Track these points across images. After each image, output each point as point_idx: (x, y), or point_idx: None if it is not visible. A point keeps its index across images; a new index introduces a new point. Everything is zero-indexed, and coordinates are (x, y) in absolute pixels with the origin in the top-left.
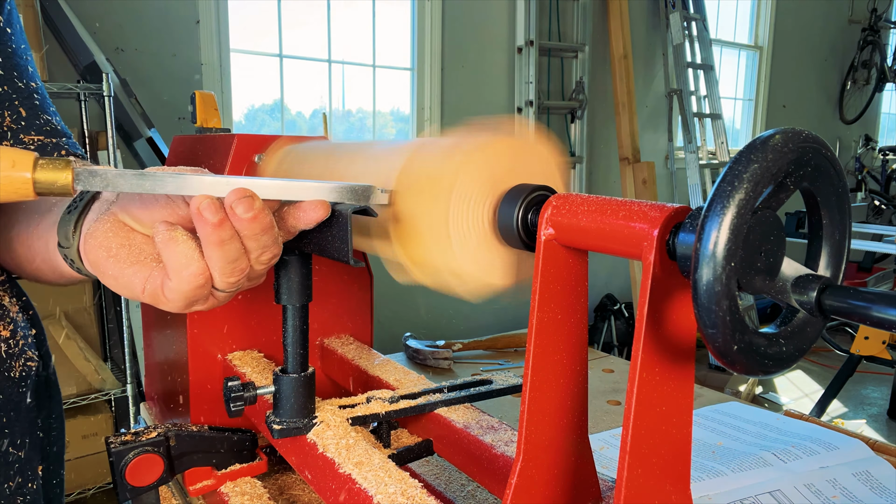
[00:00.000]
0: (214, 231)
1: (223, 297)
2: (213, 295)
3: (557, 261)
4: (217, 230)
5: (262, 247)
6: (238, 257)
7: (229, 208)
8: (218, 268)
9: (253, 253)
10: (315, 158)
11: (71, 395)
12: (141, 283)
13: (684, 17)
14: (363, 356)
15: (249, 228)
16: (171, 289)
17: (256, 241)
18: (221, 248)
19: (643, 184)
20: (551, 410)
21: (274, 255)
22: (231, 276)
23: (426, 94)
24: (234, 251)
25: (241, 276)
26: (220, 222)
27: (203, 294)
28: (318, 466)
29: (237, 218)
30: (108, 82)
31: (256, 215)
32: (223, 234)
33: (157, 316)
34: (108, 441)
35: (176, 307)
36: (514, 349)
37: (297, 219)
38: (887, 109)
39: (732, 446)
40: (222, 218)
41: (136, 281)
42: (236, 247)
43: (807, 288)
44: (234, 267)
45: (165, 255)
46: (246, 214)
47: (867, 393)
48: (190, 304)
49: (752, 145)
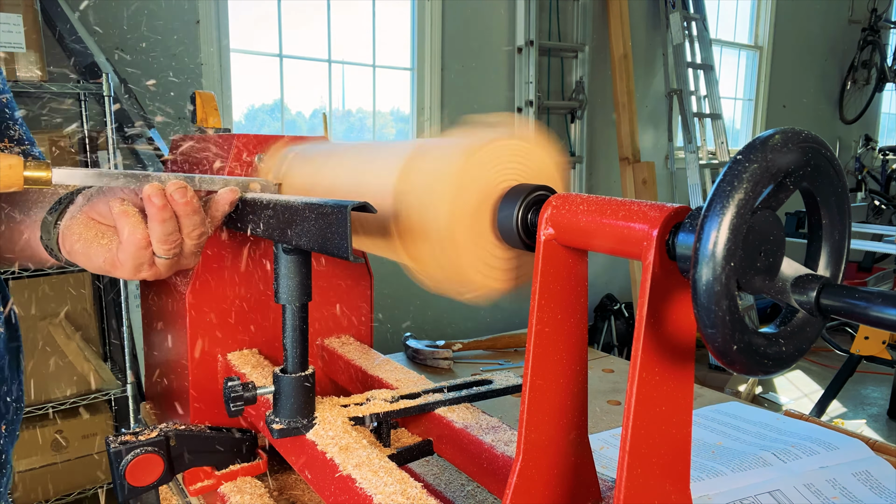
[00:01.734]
0: (159, 212)
1: (162, 265)
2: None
3: (557, 261)
4: (161, 211)
5: (192, 224)
6: (173, 231)
7: (170, 196)
8: (157, 237)
9: (185, 229)
10: (316, 159)
11: (71, 395)
12: (102, 256)
13: (684, 17)
14: (363, 356)
15: (184, 210)
16: (122, 250)
17: (189, 219)
18: (162, 224)
19: (643, 184)
20: (551, 410)
21: (201, 233)
22: (166, 244)
23: (426, 94)
24: (171, 226)
25: (173, 245)
26: (163, 206)
27: (146, 257)
28: (317, 466)
29: (176, 202)
30: (108, 82)
31: (188, 201)
32: (165, 214)
33: (157, 316)
34: (108, 441)
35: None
36: (514, 349)
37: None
38: (887, 109)
39: (732, 446)
40: (165, 203)
41: (99, 254)
42: (173, 224)
43: (806, 288)
44: (170, 238)
45: (119, 223)
46: (181, 199)
47: (867, 393)
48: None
49: (752, 145)
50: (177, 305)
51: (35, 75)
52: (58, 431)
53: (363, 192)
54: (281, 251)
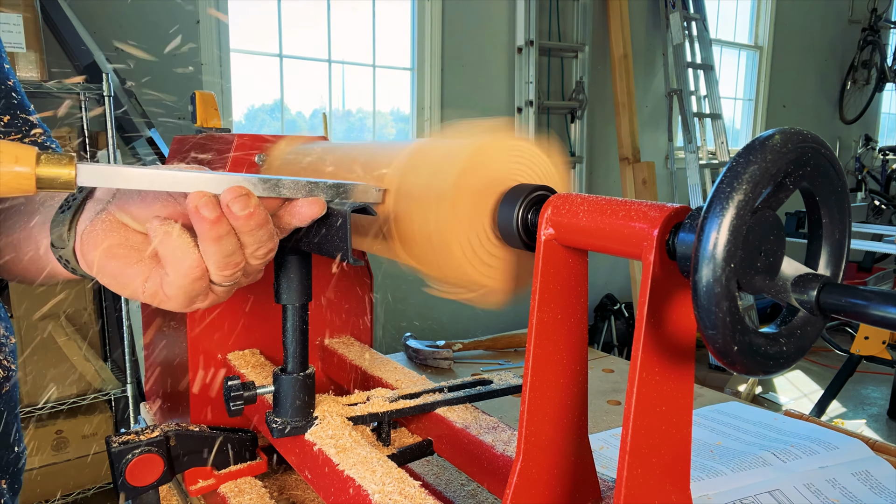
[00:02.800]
0: (212, 228)
1: (222, 292)
2: (211, 290)
3: (557, 261)
4: (214, 227)
5: (257, 242)
6: (234, 251)
7: (226, 206)
8: (214, 262)
9: (248, 248)
10: (316, 159)
11: (71, 395)
12: (141, 283)
13: (684, 17)
14: (363, 356)
15: (245, 225)
16: (170, 283)
17: (252, 236)
18: (218, 244)
19: (643, 184)
20: (551, 410)
21: (269, 250)
22: (227, 270)
23: (426, 94)
24: (231, 246)
25: (236, 270)
26: (216, 219)
27: (201, 288)
28: (317, 466)
29: (233, 215)
30: (108, 82)
31: (252, 212)
32: (220, 231)
33: (157, 316)
34: (109, 441)
35: (177, 304)
36: (514, 349)
37: (293, 216)
38: (887, 109)
39: (732, 446)
40: (219, 215)
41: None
42: (232, 242)
43: (807, 287)
44: (230, 261)
45: (162, 249)
46: (242, 212)
47: (867, 393)
48: (190, 301)
49: (752, 145)
50: None
51: (35, 75)
52: (58, 431)
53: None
54: (281, 251)
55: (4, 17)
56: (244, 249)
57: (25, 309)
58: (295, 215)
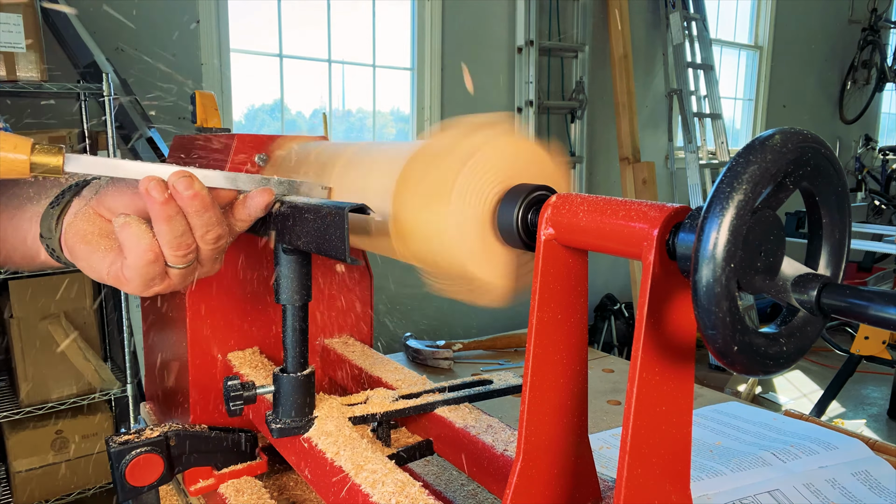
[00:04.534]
0: (162, 208)
1: (176, 276)
2: (167, 274)
3: (557, 261)
4: (164, 207)
5: (205, 224)
6: (183, 232)
7: (172, 187)
8: (166, 242)
9: (198, 230)
10: (316, 159)
11: (71, 395)
12: (107, 266)
13: (684, 17)
14: (363, 356)
15: (191, 205)
16: (128, 266)
17: (199, 217)
18: (169, 224)
19: (643, 184)
20: (551, 410)
21: (218, 235)
22: (179, 250)
23: (426, 94)
24: (180, 227)
25: (188, 251)
26: (165, 201)
27: (156, 271)
28: (317, 466)
29: (179, 195)
30: (108, 82)
31: (196, 193)
32: (169, 211)
33: (157, 316)
34: (108, 441)
35: (135, 286)
36: (514, 349)
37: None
38: (887, 109)
39: (732, 446)
40: (167, 197)
41: (103, 264)
42: (182, 223)
43: (807, 287)
44: (181, 241)
45: (121, 236)
46: (186, 192)
47: (867, 393)
48: (147, 284)
49: (752, 145)
50: (177, 305)
51: (35, 75)
52: (58, 431)
53: (364, 191)
54: (281, 251)
55: (4, 17)
56: (194, 232)
57: (25, 309)
58: (248, 205)
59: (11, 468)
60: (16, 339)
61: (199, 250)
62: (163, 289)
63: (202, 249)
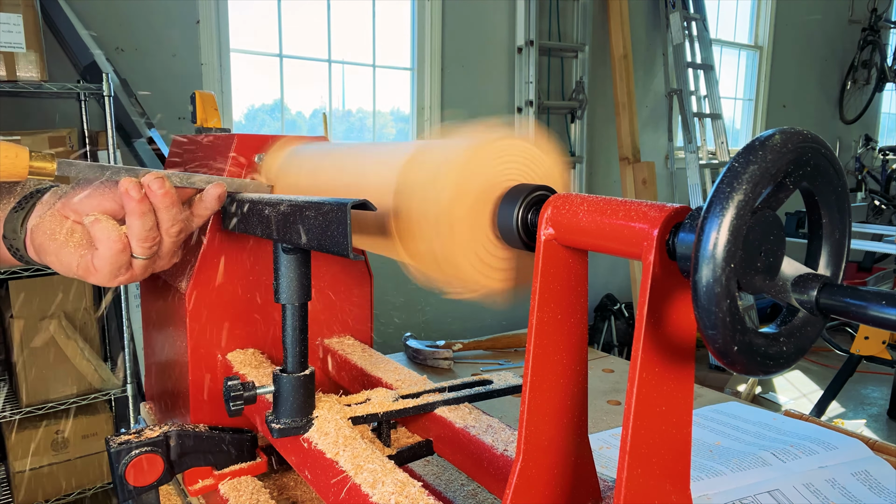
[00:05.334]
0: (138, 205)
1: (139, 267)
2: (131, 265)
3: (557, 261)
4: (139, 204)
5: (171, 219)
6: (152, 226)
7: (147, 186)
8: (136, 234)
9: (164, 224)
10: (316, 159)
11: (71, 395)
12: (77, 259)
13: (684, 17)
14: (363, 356)
15: (162, 202)
16: (98, 256)
17: (168, 212)
18: (141, 219)
19: (643, 184)
20: (551, 410)
21: (180, 230)
22: (146, 242)
23: (426, 94)
24: (150, 221)
25: (153, 243)
26: (141, 199)
27: (124, 261)
28: (317, 466)
29: (153, 193)
30: (108, 82)
31: (167, 192)
32: (143, 208)
33: (157, 316)
34: (108, 441)
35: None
36: (514, 349)
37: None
38: (887, 109)
39: (732, 446)
40: (143, 196)
41: (73, 258)
42: (152, 218)
43: (807, 287)
44: (150, 234)
45: (94, 230)
46: (159, 191)
47: (867, 393)
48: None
49: (752, 145)
50: (177, 305)
51: (35, 75)
52: (58, 431)
53: (363, 191)
54: (281, 251)
55: (4, 17)
56: (160, 226)
57: (25, 309)
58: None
59: (11, 468)
60: (16, 339)
61: (162, 243)
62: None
63: (165, 242)
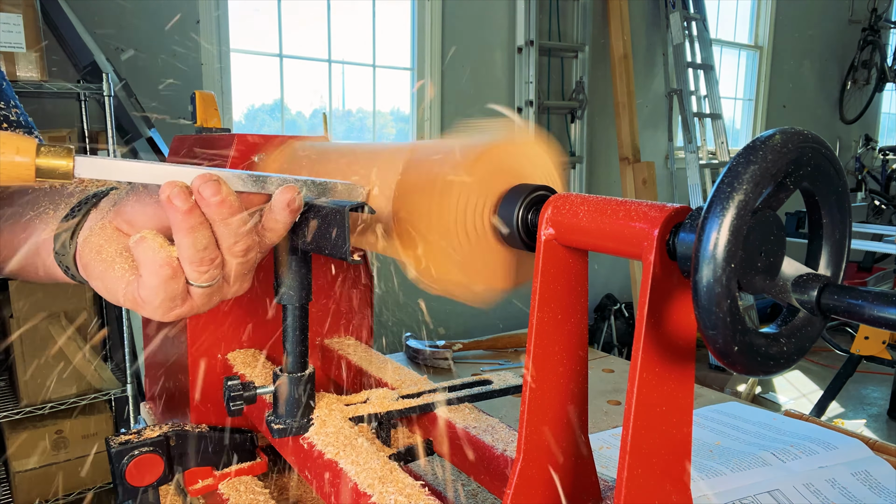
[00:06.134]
0: (185, 217)
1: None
2: (189, 294)
3: (557, 261)
4: (187, 217)
5: (233, 235)
6: (208, 245)
7: (196, 191)
8: (187, 257)
9: (224, 241)
10: (316, 159)
11: (71, 395)
12: (123, 287)
13: (684, 16)
14: (363, 356)
15: (218, 213)
16: (144, 284)
17: (227, 227)
18: (191, 236)
19: (643, 184)
20: (551, 410)
21: (248, 247)
22: (202, 265)
23: (426, 93)
24: (204, 239)
25: (211, 267)
26: (189, 209)
27: (175, 289)
28: (317, 466)
29: (205, 202)
30: (108, 82)
31: (224, 199)
32: (192, 220)
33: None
34: (108, 441)
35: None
36: (514, 349)
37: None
38: (887, 109)
39: (732, 446)
40: (192, 206)
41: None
42: (206, 234)
43: (807, 287)
44: (205, 256)
45: (136, 252)
46: (213, 198)
47: (867, 393)
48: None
49: (752, 146)
50: None
51: (35, 75)
52: (58, 431)
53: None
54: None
55: (4, 17)
56: (220, 244)
57: (25, 309)
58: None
59: (11, 468)
60: (16, 339)
61: (226, 265)
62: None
63: (229, 264)
